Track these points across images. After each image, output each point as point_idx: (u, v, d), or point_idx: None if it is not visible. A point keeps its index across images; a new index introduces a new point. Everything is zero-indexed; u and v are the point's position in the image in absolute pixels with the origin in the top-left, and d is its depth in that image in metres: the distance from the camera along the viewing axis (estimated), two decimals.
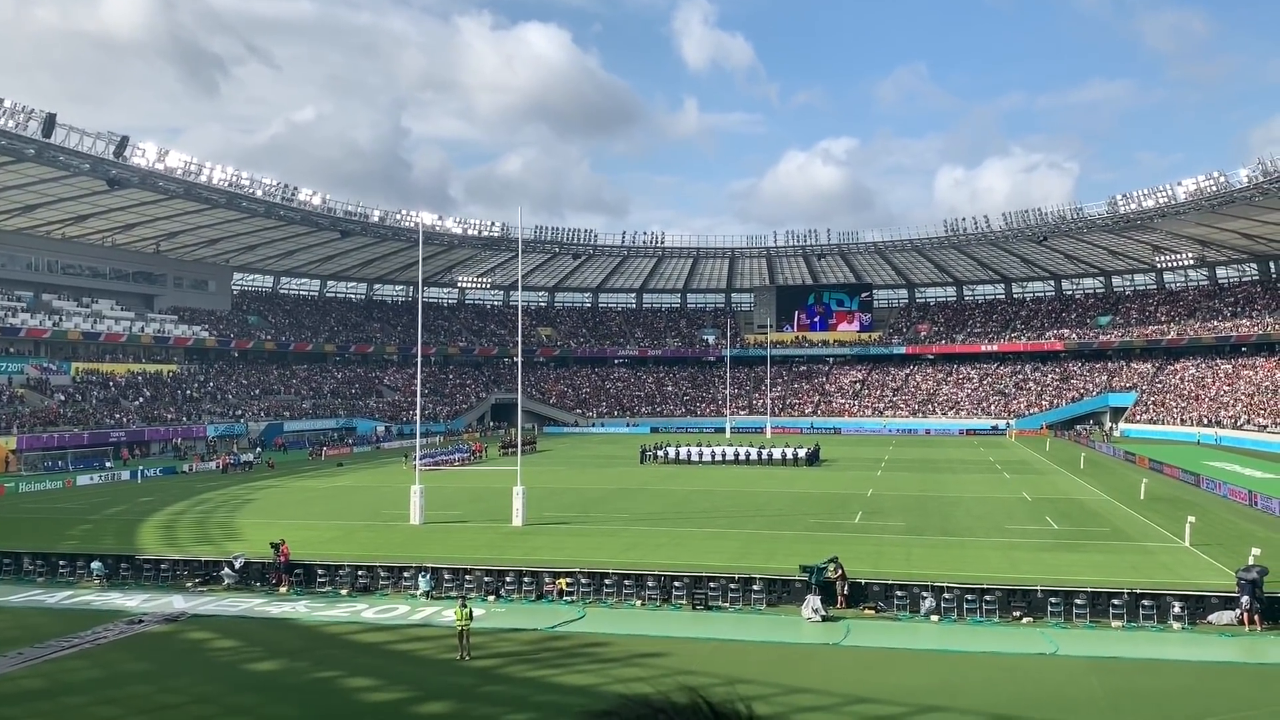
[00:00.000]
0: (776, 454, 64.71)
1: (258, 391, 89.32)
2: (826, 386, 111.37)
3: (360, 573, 28.93)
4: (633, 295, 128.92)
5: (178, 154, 72.12)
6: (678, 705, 0.72)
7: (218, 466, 63.85)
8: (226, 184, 76.30)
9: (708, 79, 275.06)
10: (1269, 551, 27.64)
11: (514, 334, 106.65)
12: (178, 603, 27.06)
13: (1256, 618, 23.37)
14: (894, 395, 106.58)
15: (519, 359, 46.79)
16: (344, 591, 28.35)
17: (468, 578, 28.05)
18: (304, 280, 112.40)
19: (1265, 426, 73.71)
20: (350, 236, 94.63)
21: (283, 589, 28.54)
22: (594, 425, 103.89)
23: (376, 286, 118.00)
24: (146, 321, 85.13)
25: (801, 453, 64.34)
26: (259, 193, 79.75)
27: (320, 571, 29.06)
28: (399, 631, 24.27)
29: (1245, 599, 23.53)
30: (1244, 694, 18.90)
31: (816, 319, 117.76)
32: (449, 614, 23.37)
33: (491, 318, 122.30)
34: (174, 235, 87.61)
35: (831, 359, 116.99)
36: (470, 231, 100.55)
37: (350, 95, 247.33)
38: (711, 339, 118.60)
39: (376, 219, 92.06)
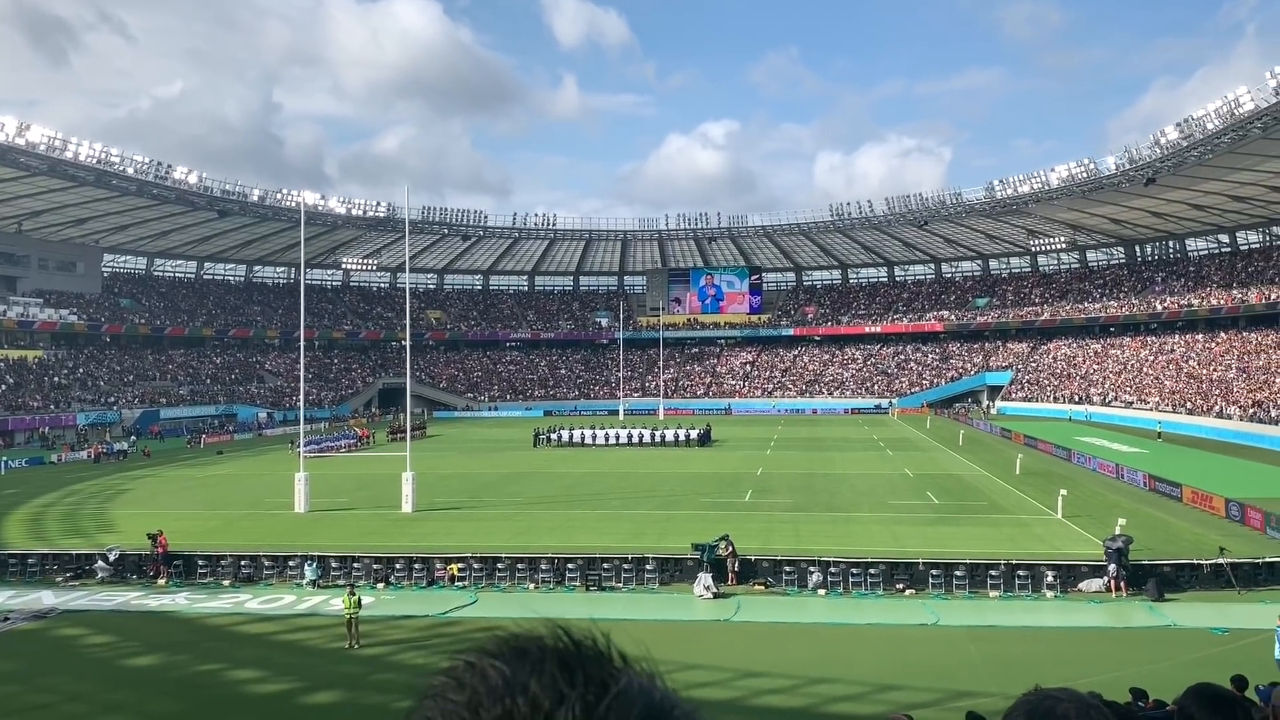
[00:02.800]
0: (669, 435, 65.24)
1: (131, 377, 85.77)
2: (718, 368, 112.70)
3: (243, 562, 28.08)
4: (525, 278, 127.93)
5: (40, 128, 68.41)
6: (541, 637, 0.79)
7: (89, 456, 61.17)
8: (94, 161, 72.73)
9: (584, 56, 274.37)
10: (1134, 522, 29.13)
11: (401, 317, 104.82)
12: (47, 598, 25.83)
13: (1122, 584, 24.59)
14: (783, 376, 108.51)
15: (407, 342, 45.86)
16: (226, 582, 27.48)
17: (356, 565, 27.51)
18: (180, 262, 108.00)
19: (1131, 403, 77.58)
20: (228, 216, 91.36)
21: (161, 581, 27.52)
22: (486, 409, 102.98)
23: (256, 268, 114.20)
24: (9, 305, 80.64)
25: (694, 434, 64.97)
26: (130, 170, 76.28)
27: (201, 562, 28.11)
28: (285, 621, 23.66)
29: (1112, 567, 24.75)
30: (1112, 656, 19.86)
31: (708, 301, 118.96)
32: (336, 602, 22.90)
33: (378, 300, 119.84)
34: (38, 214, 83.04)
35: (723, 341, 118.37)
36: (354, 211, 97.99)
37: (217, 69, 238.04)
38: (605, 321, 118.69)
39: (256, 198, 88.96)
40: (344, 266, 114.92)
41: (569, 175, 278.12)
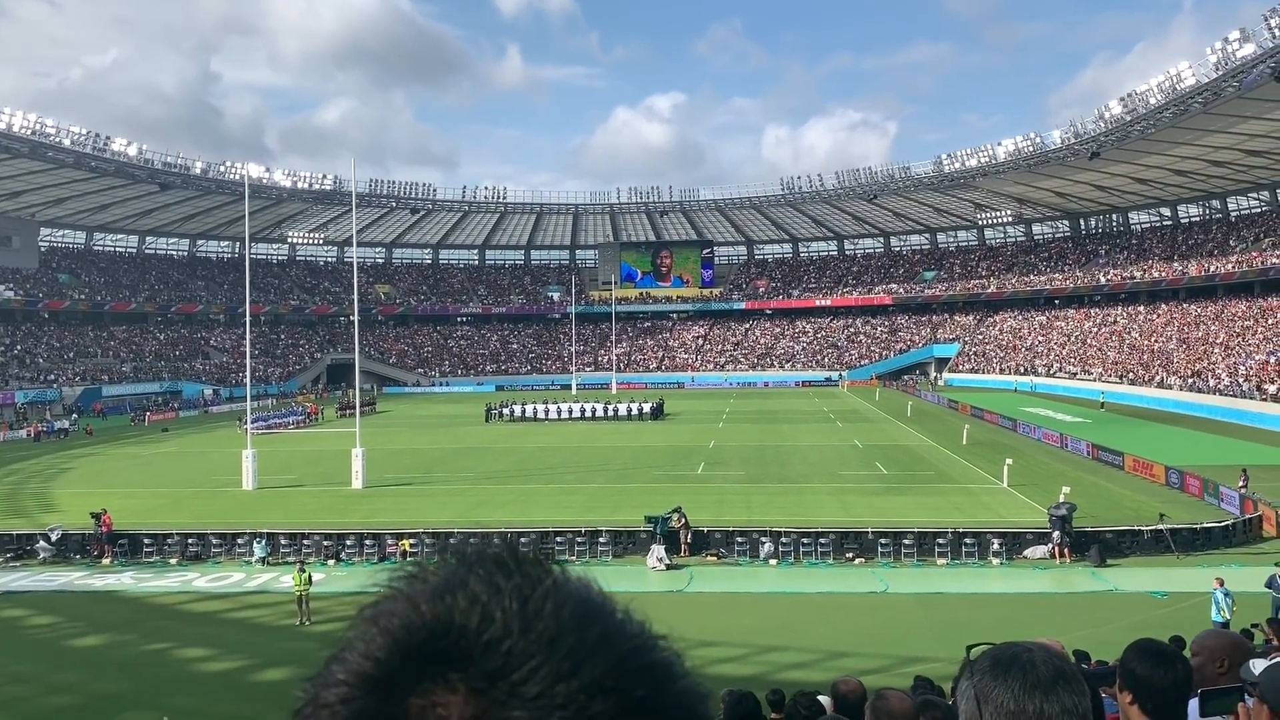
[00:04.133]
0: (622, 409, 65.30)
1: (72, 355, 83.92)
2: (670, 342, 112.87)
3: (190, 541, 27.70)
4: (475, 251, 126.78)
5: None
6: (483, 549, 0.82)
7: (29, 435, 59.87)
8: (29, 132, 70.66)
9: (527, 26, 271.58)
10: (1077, 489, 29.71)
11: (349, 292, 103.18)
12: None
13: (1066, 550, 25.14)
14: (734, 349, 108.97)
15: (355, 317, 45.35)
16: (173, 561, 27.11)
17: (306, 542, 27.26)
18: (120, 236, 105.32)
19: (1075, 374, 79.02)
20: (170, 189, 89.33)
21: (106, 560, 27.09)
22: (437, 385, 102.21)
23: (200, 242, 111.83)
24: None
25: (646, 407, 65.12)
26: (67, 142, 74.26)
27: (147, 541, 27.68)
28: (234, 599, 23.42)
29: (1056, 534, 25.29)
30: (1056, 620, 20.27)
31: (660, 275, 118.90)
32: (286, 579, 22.68)
33: (325, 275, 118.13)
34: None
35: (675, 315, 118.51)
36: (300, 184, 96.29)
37: (150, 37, 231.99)
38: (556, 296, 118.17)
39: (199, 171, 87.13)
40: (290, 240, 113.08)
41: (518, 148, 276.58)
